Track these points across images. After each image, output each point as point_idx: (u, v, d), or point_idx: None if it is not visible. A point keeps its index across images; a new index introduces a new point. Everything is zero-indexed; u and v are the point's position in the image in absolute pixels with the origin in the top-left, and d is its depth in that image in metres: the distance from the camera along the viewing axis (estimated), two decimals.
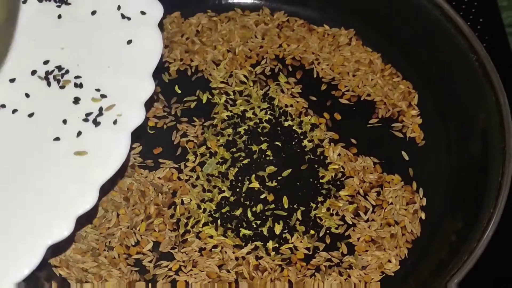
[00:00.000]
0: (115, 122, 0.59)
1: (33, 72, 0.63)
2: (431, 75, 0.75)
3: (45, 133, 0.60)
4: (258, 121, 0.73)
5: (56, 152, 0.59)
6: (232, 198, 0.68)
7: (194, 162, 0.70)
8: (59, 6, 0.66)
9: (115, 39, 0.64)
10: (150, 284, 0.63)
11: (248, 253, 0.65)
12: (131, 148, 0.70)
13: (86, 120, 0.60)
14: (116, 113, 0.60)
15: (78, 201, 0.56)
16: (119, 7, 0.65)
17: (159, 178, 0.69)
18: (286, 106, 0.74)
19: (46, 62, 0.63)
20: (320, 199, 0.69)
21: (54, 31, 0.65)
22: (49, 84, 0.62)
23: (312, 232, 0.67)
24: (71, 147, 0.59)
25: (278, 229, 0.67)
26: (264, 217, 0.67)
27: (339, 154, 0.71)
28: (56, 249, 0.63)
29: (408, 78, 0.76)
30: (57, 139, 0.59)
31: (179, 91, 0.75)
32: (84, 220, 0.65)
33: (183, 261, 0.65)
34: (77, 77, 0.62)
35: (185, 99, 0.74)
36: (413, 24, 0.75)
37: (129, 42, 0.63)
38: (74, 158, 0.58)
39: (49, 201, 0.57)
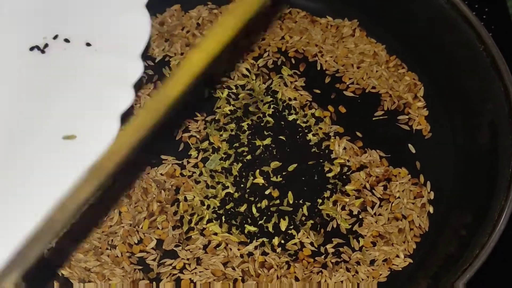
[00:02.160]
0: (103, 105, 0.57)
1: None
2: (437, 65, 0.73)
3: (30, 116, 0.57)
4: (261, 115, 0.71)
5: (43, 135, 0.56)
6: (236, 194, 0.67)
7: (197, 157, 0.69)
8: None
9: (101, 20, 0.62)
10: (154, 283, 0.62)
11: (253, 250, 0.64)
12: None
13: (73, 102, 0.57)
14: (105, 95, 0.58)
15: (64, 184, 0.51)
16: None
17: (161, 174, 0.67)
18: (290, 99, 0.73)
19: (32, 49, 0.61)
20: (326, 194, 0.67)
21: (37, 14, 0.63)
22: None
23: (318, 227, 0.65)
24: (59, 131, 0.56)
25: (283, 225, 0.65)
26: (269, 213, 0.66)
27: (344, 148, 0.70)
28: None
29: (414, 69, 0.75)
30: (44, 121, 0.57)
31: None
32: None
33: (187, 259, 0.63)
34: None
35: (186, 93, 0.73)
36: (417, 13, 0.73)
37: (116, 22, 0.61)
38: (61, 142, 0.56)
39: (33, 187, 0.54)
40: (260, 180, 0.67)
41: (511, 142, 0.62)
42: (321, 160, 0.69)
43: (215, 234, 0.65)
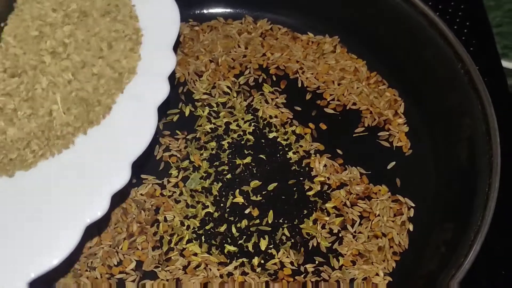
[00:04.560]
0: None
1: None
2: (416, 82, 0.74)
3: None
4: (242, 133, 0.72)
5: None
6: (216, 214, 0.67)
7: (177, 177, 0.69)
8: None
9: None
10: None
11: (233, 270, 0.64)
12: None
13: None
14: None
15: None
16: None
17: (141, 194, 0.67)
18: (271, 117, 0.73)
19: None
20: (306, 212, 0.67)
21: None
22: None
23: (298, 246, 0.66)
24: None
25: (263, 244, 0.65)
26: (249, 233, 0.66)
27: (325, 165, 0.70)
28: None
29: (394, 86, 0.75)
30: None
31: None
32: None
33: (167, 280, 0.63)
34: None
35: (167, 112, 0.73)
36: (397, 31, 0.74)
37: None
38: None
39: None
40: (240, 199, 0.68)
41: (489, 161, 0.62)
42: (301, 178, 0.69)
43: (195, 254, 0.64)
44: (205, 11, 0.80)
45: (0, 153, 0.56)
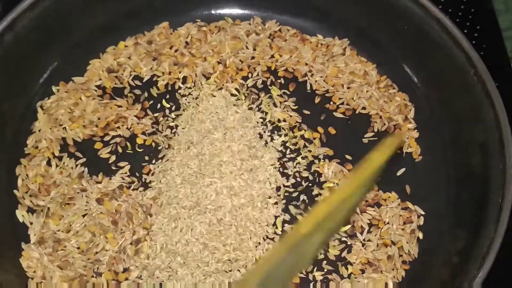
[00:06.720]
0: None
1: None
2: (427, 87, 0.73)
3: None
4: None
5: None
6: None
7: None
8: None
9: None
10: None
11: (240, 277, 0.63)
12: (119, 168, 0.68)
13: None
14: None
15: None
16: None
17: (148, 199, 0.66)
18: (279, 121, 0.72)
19: None
20: None
21: None
22: None
23: None
24: None
25: None
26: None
27: (333, 171, 0.69)
28: None
29: (404, 90, 0.74)
30: None
31: (168, 106, 0.72)
32: None
33: (173, 286, 0.63)
34: None
35: (175, 114, 0.72)
36: (409, 34, 0.72)
37: None
38: None
39: None
40: None
41: (502, 170, 0.61)
42: (310, 184, 0.68)
43: None
44: (213, 12, 0.79)
45: None
